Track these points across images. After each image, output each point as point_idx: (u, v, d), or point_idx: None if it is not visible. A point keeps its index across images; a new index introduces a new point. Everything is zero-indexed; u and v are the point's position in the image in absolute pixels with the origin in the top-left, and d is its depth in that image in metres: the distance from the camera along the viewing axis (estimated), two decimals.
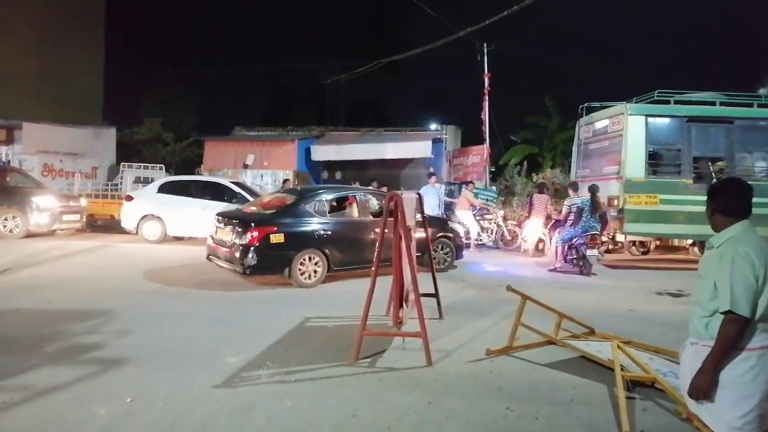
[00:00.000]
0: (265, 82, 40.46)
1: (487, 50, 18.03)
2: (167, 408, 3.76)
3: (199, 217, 12.27)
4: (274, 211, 8.57)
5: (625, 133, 11.27)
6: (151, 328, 5.67)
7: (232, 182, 13.63)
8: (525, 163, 20.51)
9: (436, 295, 6.35)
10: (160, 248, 12.19)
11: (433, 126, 22.87)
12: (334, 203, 9.28)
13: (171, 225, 12.93)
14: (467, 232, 13.08)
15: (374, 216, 9.21)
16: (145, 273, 8.94)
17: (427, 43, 18.78)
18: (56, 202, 13.44)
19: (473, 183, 15.41)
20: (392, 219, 5.10)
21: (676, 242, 13.75)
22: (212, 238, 8.80)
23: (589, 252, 10.43)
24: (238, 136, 22.78)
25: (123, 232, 13.68)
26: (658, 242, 13.38)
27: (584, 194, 10.83)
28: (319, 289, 8.10)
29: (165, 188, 13.30)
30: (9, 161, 18.72)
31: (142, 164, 21.07)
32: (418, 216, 6.48)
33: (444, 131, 21.48)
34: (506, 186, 18.63)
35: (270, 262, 7.93)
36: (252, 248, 7.73)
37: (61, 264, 9.69)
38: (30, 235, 12.93)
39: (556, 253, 10.79)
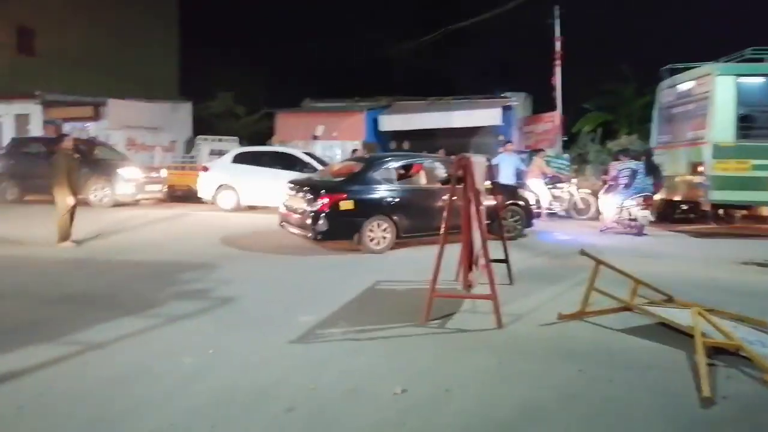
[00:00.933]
0: (333, 54, 40.48)
1: (559, 13, 17.32)
2: (246, 361, 3.95)
3: (271, 187, 12.58)
4: (343, 178, 8.72)
5: (713, 95, 10.62)
6: (228, 288, 5.94)
7: (303, 152, 13.90)
8: (599, 130, 19.71)
9: (506, 260, 6.28)
10: (235, 216, 12.66)
11: (503, 94, 22.30)
12: (402, 171, 9.30)
13: (244, 194, 13.37)
14: (538, 201, 12.78)
15: (442, 183, 9.17)
16: (221, 239, 9.33)
17: (495, 7, 18.27)
18: (140, 173, 14.22)
19: (544, 150, 14.99)
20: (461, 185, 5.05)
21: (766, 211, 12.91)
22: (284, 206, 9.04)
23: (641, 212, 10.57)
24: (308, 108, 23.11)
25: (200, 201, 14.29)
26: (745, 211, 12.62)
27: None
28: (388, 256, 8.20)
29: (239, 159, 13.75)
30: (96, 136, 19.83)
31: (217, 137, 21.79)
32: (488, 182, 6.40)
33: (513, 98, 20.93)
34: (579, 154, 18.01)
35: (340, 229, 8.08)
36: (322, 215, 7.90)
37: (145, 230, 10.27)
38: (117, 204, 13.73)
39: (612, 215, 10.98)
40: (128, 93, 22.78)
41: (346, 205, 8.04)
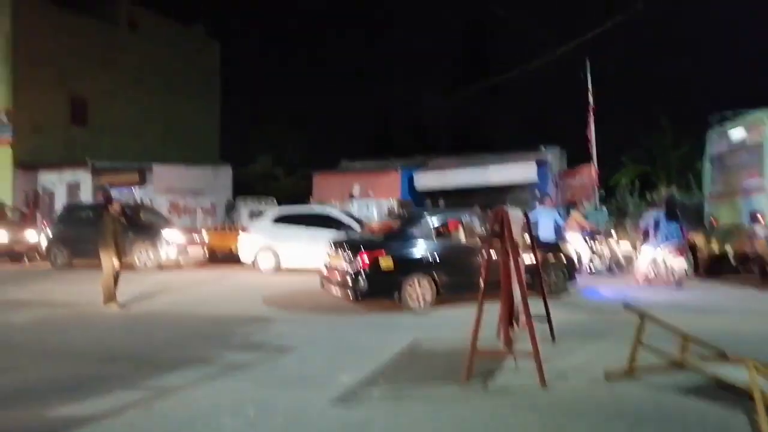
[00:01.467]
0: (369, 115, 41.68)
1: (591, 67, 17.50)
2: (287, 421, 3.94)
3: (310, 247, 12.84)
4: (382, 236, 8.81)
5: (766, 143, 10.47)
6: (270, 348, 5.98)
7: (340, 212, 14.13)
8: (636, 182, 19.49)
9: (547, 317, 6.16)
10: (275, 278, 12.78)
11: (537, 149, 22.38)
12: (441, 227, 9.33)
13: (284, 256, 13.55)
14: (578, 256, 12.57)
15: (481, 240, 9.14)
16: (263, 300, 9.43)
17: (527, 63, 18.57)
18: (182, 236, 14.61)
19: (582, 204, 14.85)
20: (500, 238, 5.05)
21: None
22: (325, 266, 9.12)
23: (675, 261, 10.38)
24: (344, 168, 23.60)
25: (240, 263, 14.51)
26: None
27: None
28: (429, 313, 8.13)
29: (278, 220, 14.04)
30: (142, 200, 20.59)
31: (256, 198, 22.34)
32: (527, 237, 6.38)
33: (548, 153, 20.96)
34: (618, 207, 17.76)
35: (380, 287, 8.08)
36: (362, 273, 7.92)
37: (188, 292, 10.48)
38: (160, 267, 14.06)
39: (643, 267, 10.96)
40: (172, 158, 23.77)
41: (386, 263, 8.04)
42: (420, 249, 8.45)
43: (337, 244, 8.87)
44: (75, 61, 24.19)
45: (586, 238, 12.98)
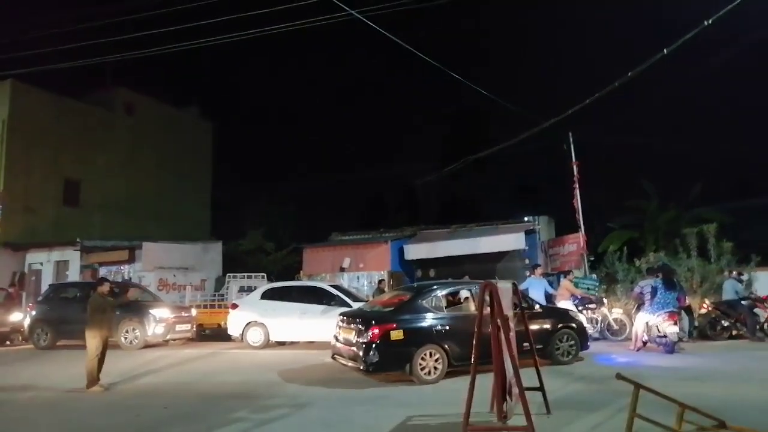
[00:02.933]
0: (358, 189, 42.30)
1: (573, 138, 18.03)
2: None
3: (300, 321, 12.81)
4: (392, 308, 8.81)
5: None
6: (263, 429, 5.79)
7: (330, 285, 14.05)
8: (625, 248, 19.63)
9: (541, 388, 6.06)
10: (265, 353, 12.54)
11: (525, 218, 22.67)
12: (450, 298, 9.35)
13: (273, 330, 13.34)
14: None
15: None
16: (256, 377, 9.21)
17: (512, 136, 19.09)
18: (170, 313, 14.33)
19: (572, 272, 14.92)
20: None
21: None
22: (335, 338, 9.12)
23: (669, 328, 10.53)
24: (334, 241, 23.65)
25: (229, 339, 14.26)
26: None
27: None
28: (438, 385, 8.03)
29: (267, 295, 13.91)
30: (130, 278, 20.39)
31: (246, 274, 22.20)
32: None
33: (536, 222, 21.20)
34: (607, 273, 17.79)
35: (391, 359, 8.07)
36: (373, 345, 7.94)
37: (175, 371, 10.20)
38: (146, 346, 13.74)
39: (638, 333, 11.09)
40: (163, 235, 23.77)
41: (397, 334, 8.06)
42: (431, 321, 8.45)
43: (349, 317, 8.95)
44: (70, 144, 24.62)
45: (577, 305, 12.97)
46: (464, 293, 9.63)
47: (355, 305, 12.87)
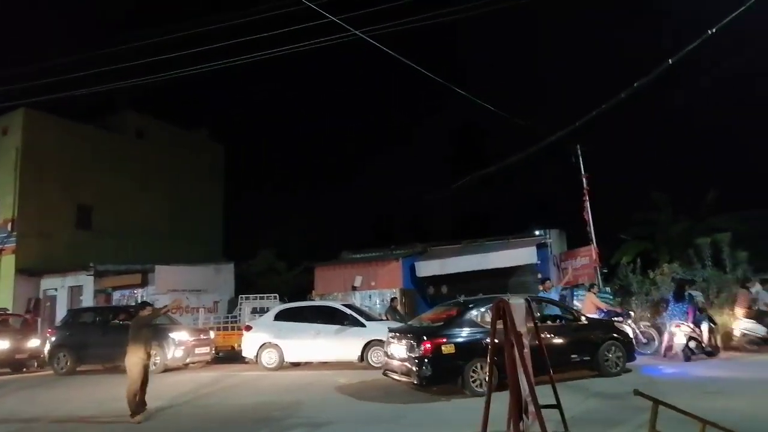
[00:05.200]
0: (368, 206, 42.42)
1: (582, 151, 18.01)
2: None
3: (314, 342, 12.89)
4: (441, 323, 9.11)
5: None
6: None
7: (343, 305, 14.08)
8: (638, 260, 19.48)
9: (558, 405, 6.01)
10: (281, 375, 12.52)
11: (536, 232, 22.60)
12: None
13: (288, 351, 13.35)
14: None
15: (540, 321, 9.53)
16: (277, 398, 9.21)
17: (521, 150, 19.07)
18: (189, 336, 14.28)
19: (596, 285, 14.95)
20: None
21: None
22: (386, 354, 9.42)
23: (677, 340, 11.18)
24: (346, 260, 23.66)
25: (243, 361, 14.25)
26: None
27: None
28: (455, 405, 8.03)
29: (281, 316, 13.94)
30: (145, 301, 20.53)
31: (258, 295, 22.23)
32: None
33: (547, 235, 21.13)
34: (621, 286, 17.65)
35: (443, 372, 8.38)
36: (426, 360, 8.24)
37: (199, 394, 10.14)
38: (166, 370, 13.67)
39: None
40: (176, 257, 23.92)
41: (447, 348, 8.37)
42: (479, 335, 8.61)
43: (400, 333, 9.27)
44: (82, 169, 24.96)
45: (604, 318, 12.78)
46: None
47: (369, 325, 12.91)
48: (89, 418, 8.30)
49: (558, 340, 9.44)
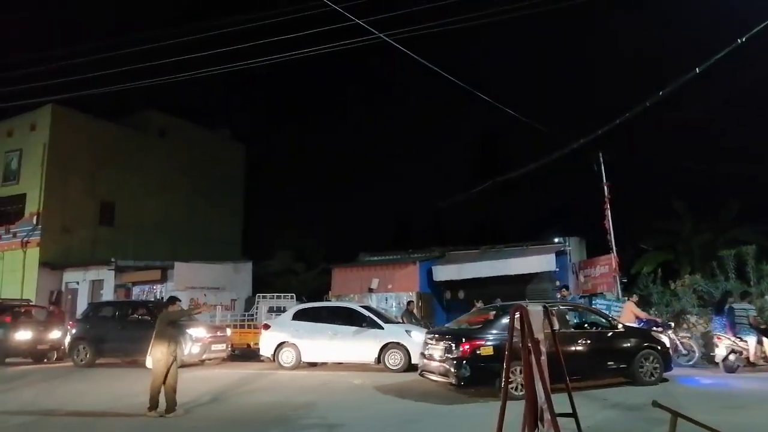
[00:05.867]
0: (387, 209, 42.46)
1: (604, 159, 17.85)
2: None
3: (331, 343, 12.96)
4: (479, 326, 9.29)
5: None
6: None
7: (361, 306, 14.13)
8: (659, 270, 19.20)
9: (574, 414, 5.95)
10: (299, 374, 12.55)
11: (555, 239, 22.42)
12: None
13: (305, 351, 13.41)
14: None
15: (575, 328, 9.88)
16: (296, 398, 9.26)
17: (541, 157, 18.95)
18: (206, 333, 14.38)
19: (635, 295, 14.80)
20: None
21: None
22: (424, 355, 9.49)
23: (718, 350, 11.37)
24: (363, 262, 23.71)
25: (258, 359, 14.33)
26: None
27: None
28: (464, 411, 8.03)
29: (298, 316, 14.02)
30: (163, 297, 20.77)
31: (275, 294, 22.37)
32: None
33: (567, 243, 20.96)
34: (641, 296, 17.43)
35: (481, 374, 8.47)
36: (464, 361, 8.38)
37: (217, 392, 10.18)
38: (182, 366, 13.72)
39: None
40: (196, 255, 24.21)
41: (486, 350, 8.47)
42: (516, 338, 8.51)
43: (438, 335, 9.40)
44: (106, 166, 25.42)
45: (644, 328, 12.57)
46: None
47: (387, 327, 12.93)
48: (106, 412, 8.36)
49: (593, 347, 9.42)
